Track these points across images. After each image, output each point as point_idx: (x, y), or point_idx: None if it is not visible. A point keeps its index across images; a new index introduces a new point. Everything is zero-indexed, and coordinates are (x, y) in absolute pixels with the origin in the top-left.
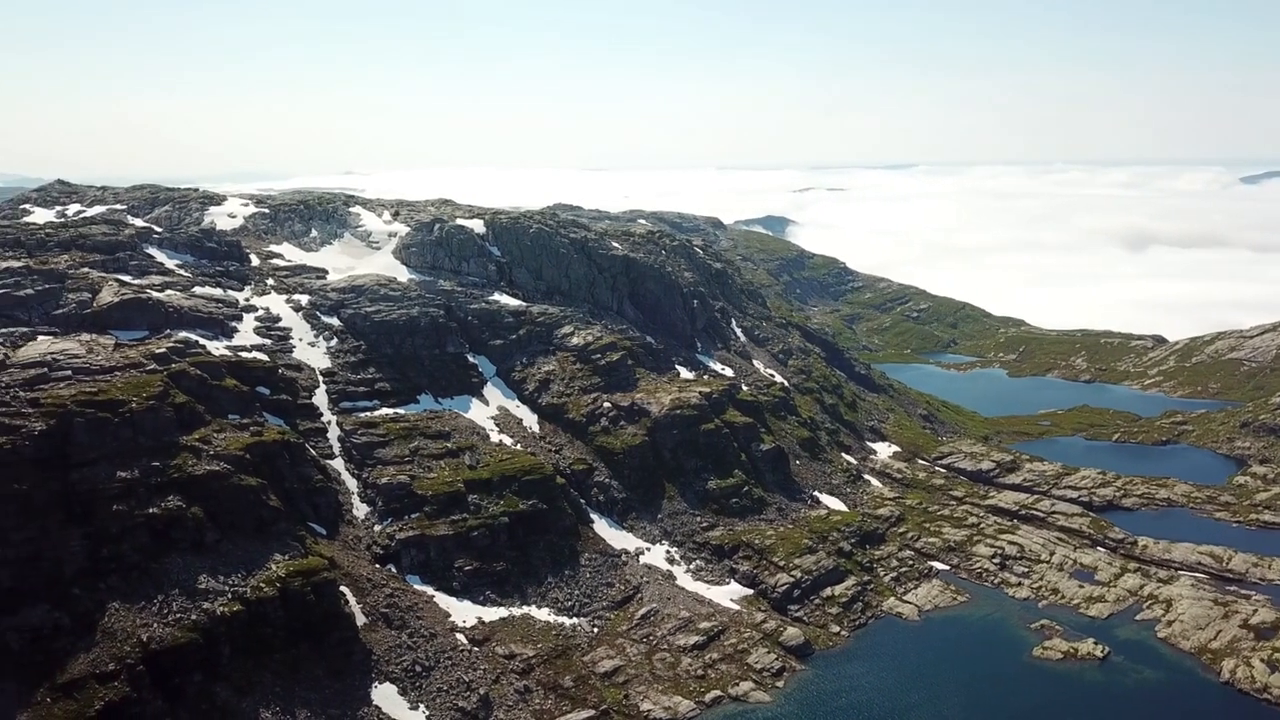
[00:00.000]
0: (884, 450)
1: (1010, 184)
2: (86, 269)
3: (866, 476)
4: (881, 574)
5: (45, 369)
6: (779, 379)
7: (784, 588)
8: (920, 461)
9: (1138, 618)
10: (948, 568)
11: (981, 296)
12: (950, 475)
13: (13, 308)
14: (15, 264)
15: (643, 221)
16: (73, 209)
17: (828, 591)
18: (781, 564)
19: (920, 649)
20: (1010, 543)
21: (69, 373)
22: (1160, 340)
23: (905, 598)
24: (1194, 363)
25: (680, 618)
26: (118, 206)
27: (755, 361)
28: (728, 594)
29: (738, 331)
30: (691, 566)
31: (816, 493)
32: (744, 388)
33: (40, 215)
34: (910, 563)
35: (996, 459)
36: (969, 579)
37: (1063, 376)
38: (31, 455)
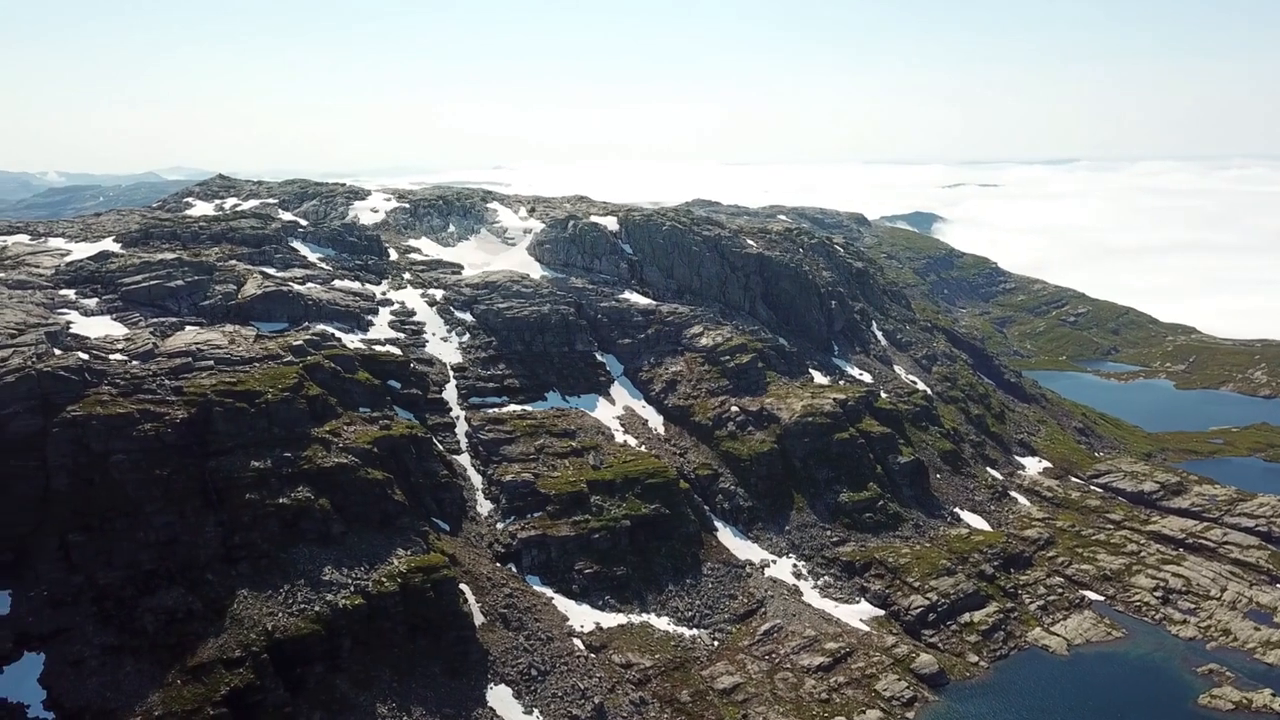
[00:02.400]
0: (1033, 466)
1: (1180, 180)
2: (234, 261)
3: (1013, 494)
4: (1027, 601)
5: (190, 358)
6: (921, 386)
7: (918, 610)
8: (1074, 479)
9: None
10: (1102, 599)
11: (1147, 301)
12: (1107, 496)
13: (164, 298)
14: (169, 256)
15: (782, 217)
16: (230, 203)
17: (966, 617)
18: (916, 585)
19: (1068, 687)
20: (1175, 574)
21: (211, 363)
22: None
23: (1053, 629)
24: None
25: (805, 636)
26: (270, 200)
27: (896, 367)
28: (857, 614)
29: (878, 334)
30: (819, 582)
31: (957, 510)
32: (882, 395)
33: (200, 208)
34: (1059, 591)
35: (1160, 480)
36: (1126, 612)
37: (1238, 390)
38: (174, 442)
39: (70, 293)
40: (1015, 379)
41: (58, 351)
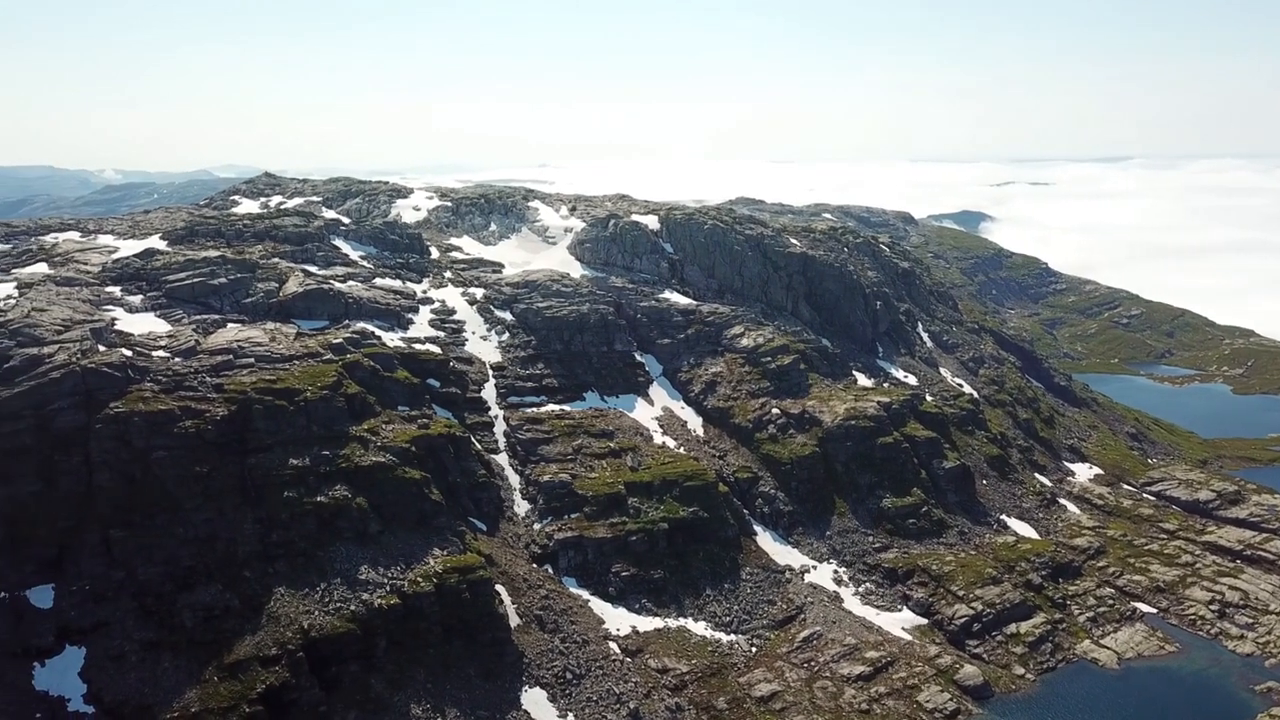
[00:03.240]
0: (1084, 472)
1: (1239, 179)
2: (277, 259)
3: (1062, 501)
4: (1076, 613)
5: (231, 356)
6: (968, 389)
7: (962, 620)
8: (1125, 487)
9: None
10: (1155, 611)
11: (1203, 303)
12: (1161, 504)
13: (207, 295)
14: (213, 253)
15: (827, 216)
16: (275, 200)
17: (1012, 628)
18: (961, 594)
19: (1118, 702)
20: (1232, 587)
21: (252, 360)
22: None
23: (1102, 642)
24: None
25: (845, 644)
26: (314, 198)
27: (942, 370)
28: (899, 622)
29: (924, 336)
30: (860, 589)
31: (1004, 517)
32: (928, 398)
33: (246, 206)
34: (1110, 602)
35: (1217, 488)
36: (1180, 626)
37: None
38: (214, 439)
39: (116, 289)
40: (1065, 382)
41: (102, 348)
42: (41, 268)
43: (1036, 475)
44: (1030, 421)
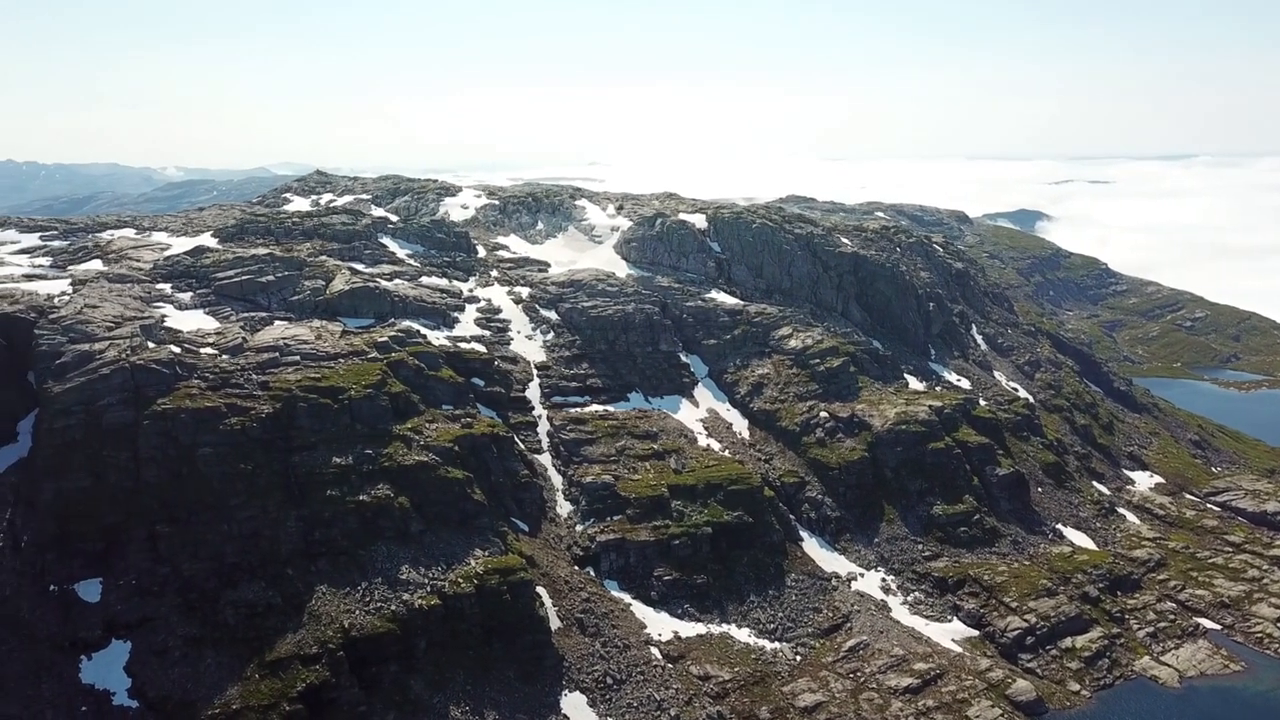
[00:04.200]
0: (1144, 481)
1: None
2: (324, 257)
3: (1121, 511)
4: (1135, 628)
5: (277, 353)
6: (1023, 394)
7: (1015, 633)
8: (1188, 497)
9: None
10: (1219, 628)
11: (1271, 305)
12: (1226, 516)
13: (255, 293)
14: (261, 251)
15: (880, 214)
16: (326, 198)
17: (1067, 642)
18: (1014, 605)
19: None
20: None
21: (297, 358)
22: None
23: (1163, 658)
24: None
25: (893, 655)
26: (364, 196)
27: (996, 373)
28: (948, 633)
29: (978, 339)
30: (909, 598)
31: (1060, 526)
32: (981, 403)
33: (297, 204)
34: (1171, 617)
35: None
36: (1245, 644)
37: None
38: (258, 436)
39: (167, 287)
40: (1125, 387)
41: (151, 345)
42: (96, 264)
43: (1094, 483)
44: (1088, 428)
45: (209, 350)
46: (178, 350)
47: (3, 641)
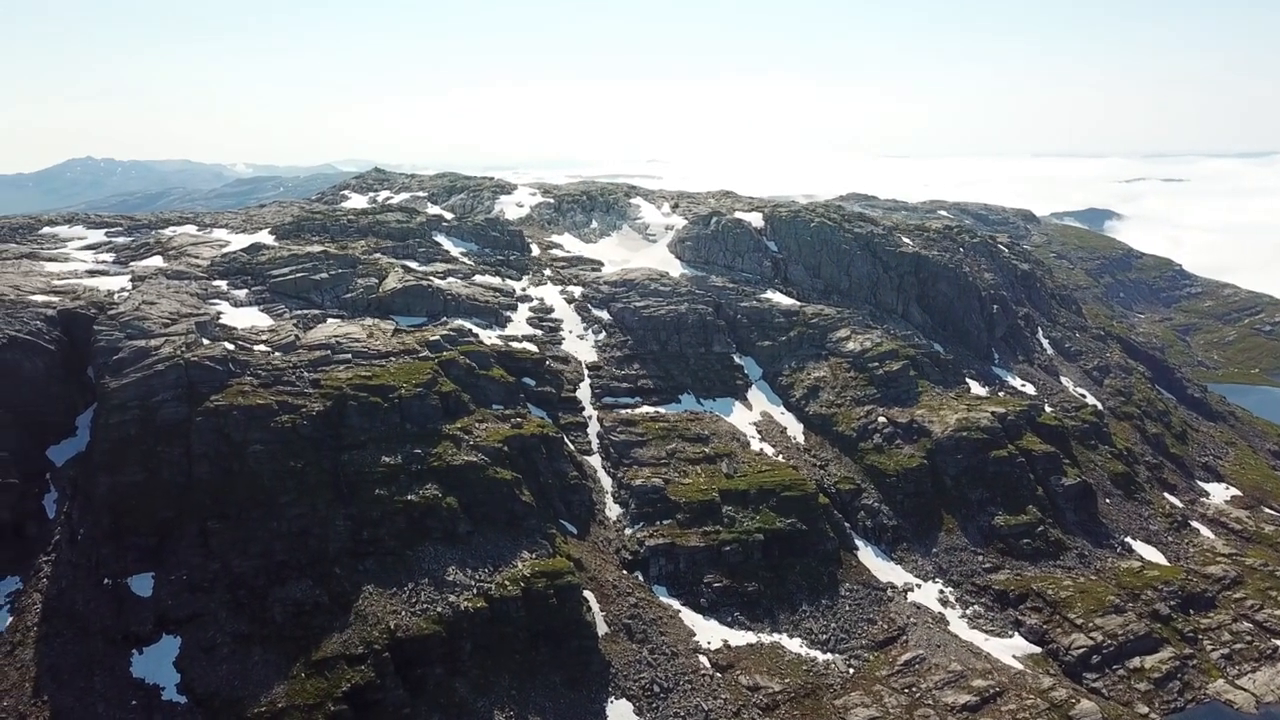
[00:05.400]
0: (1219, 493)
1: None
2: (378, 255)
3: (1194, 524)
4: (1208, 648)
5: (328, 351)
6: (1091, 400)
7: (1080, 651)
8: (1268, 511)
9: None
10: None
11: None
12: None
13: (309, 290)
14: (316, 249)
15: (943, 213)
16: (383, 195)
17: (1136, 662)
18: (1079, 622)
19: None
20: None
21: (349, 356)
22: None
23: (1239, 682)
24: None
25: (950, 670)
26: (420, 194)
27: (1063, 379)
28: (1009, 649)
29: (1044, 342)
30: (968, 612)
31: (1128, 540)
32: (1047, 409)
33: (355, 201)
34: (1248, 639)
35: None
36: None
37: None
38: (309, 434)
39: (223, 284)
40: (1200, 394)
41: (206, 341)
42: (156, 261)
43: (1166, 495)
44: (1160, 436)
45: (262, 347)
46: (231, 347)
47: (58, 633)
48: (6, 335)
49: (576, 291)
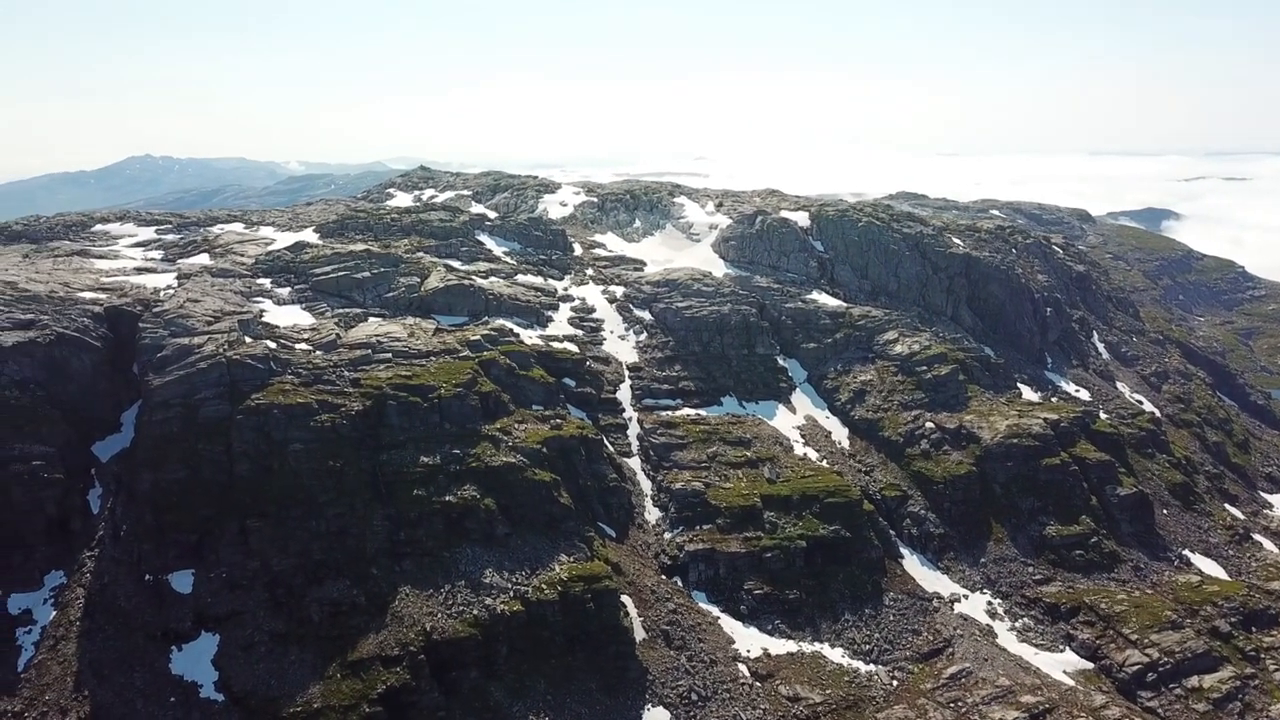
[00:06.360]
0: None
1: None
2: (421, 254)
3: (1257, 537)
4: (1271, 668)
5: (369, 350)
6: (1148, 407)
7: (1135, 668)
8: None
9: None
10: None
11: None
12: None
13: (351, 289)
14: (359, 247)
15: (995, 213)
16: (428, 193)
17: (1194, 681)
18: (1134, 638)
19: None
20: None
21: (389, 355)
22: None
23: None
24: None
25: (998, 685)
26: (464, 192)
27: (1119, 384)
28: (1060, 664)
29: (1099, 347)
30: (1017, 624)
31: (1187, 552)
32: (1102, 416)
33: (400, 199)
34: None
35: None
36: None
37: None
38: (348, 433)
39: (266, 282)
40: (1263, 401)
41: (248, 339)
42: (203, 259)
43: (1227, 506)
44: (1221, 445)
45: (303, 346)
46: (273, 346)
47: (100, 629)
48: (55, 332)
49: (618, 291)
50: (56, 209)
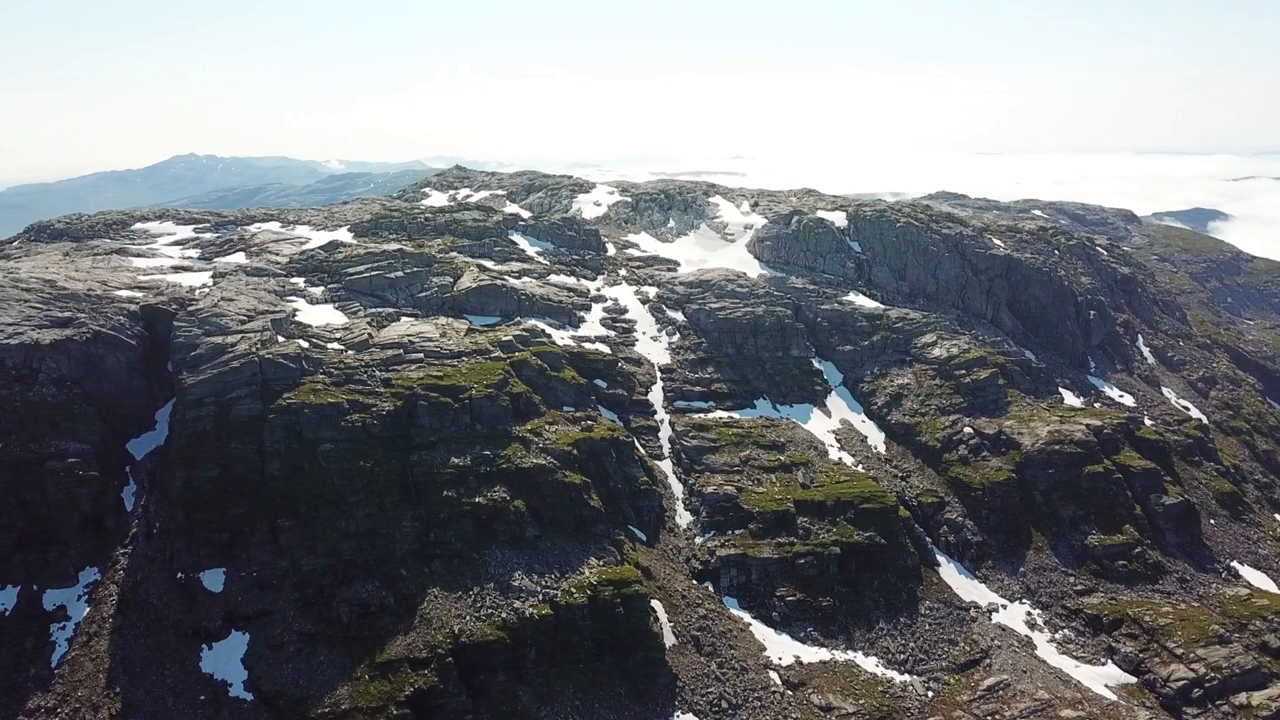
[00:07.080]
0: None
1: None
2: (454, 254)
3: None
4: None
5: (401, 350)
6: (1195, 414)
7: (1180, 683)
8: None
9: None
10: None
11: None
12: None
13: (384, 289)
14: (392, 247)
15: (1037, 213)
16: (463, 193)
17: (1242, 698)
18: (1179, 652)
19: None
20: None
21: (421, 355)
22: None
23: None
24: None
25: (1036, 698)
26: (499, 191)
27: (1165, 390)
28: (1101, 678)
29: (1144, 351)
30: (1057, 636)
31: (1235, 564)
32: (1147, 422)
33: (435, 198)
34: None
35: None
36: None
37: None
38: (379, 433)
39: (300, 281)
40: None
41: (281, 339)
42: (239, 257)
43: (1277, 517)
44: (1271, 453)
45: (335, 345)
46: (305, 345)
47: (133, 626)
48: (91, 330)
49: (651, 292)
50: (101, 207)
